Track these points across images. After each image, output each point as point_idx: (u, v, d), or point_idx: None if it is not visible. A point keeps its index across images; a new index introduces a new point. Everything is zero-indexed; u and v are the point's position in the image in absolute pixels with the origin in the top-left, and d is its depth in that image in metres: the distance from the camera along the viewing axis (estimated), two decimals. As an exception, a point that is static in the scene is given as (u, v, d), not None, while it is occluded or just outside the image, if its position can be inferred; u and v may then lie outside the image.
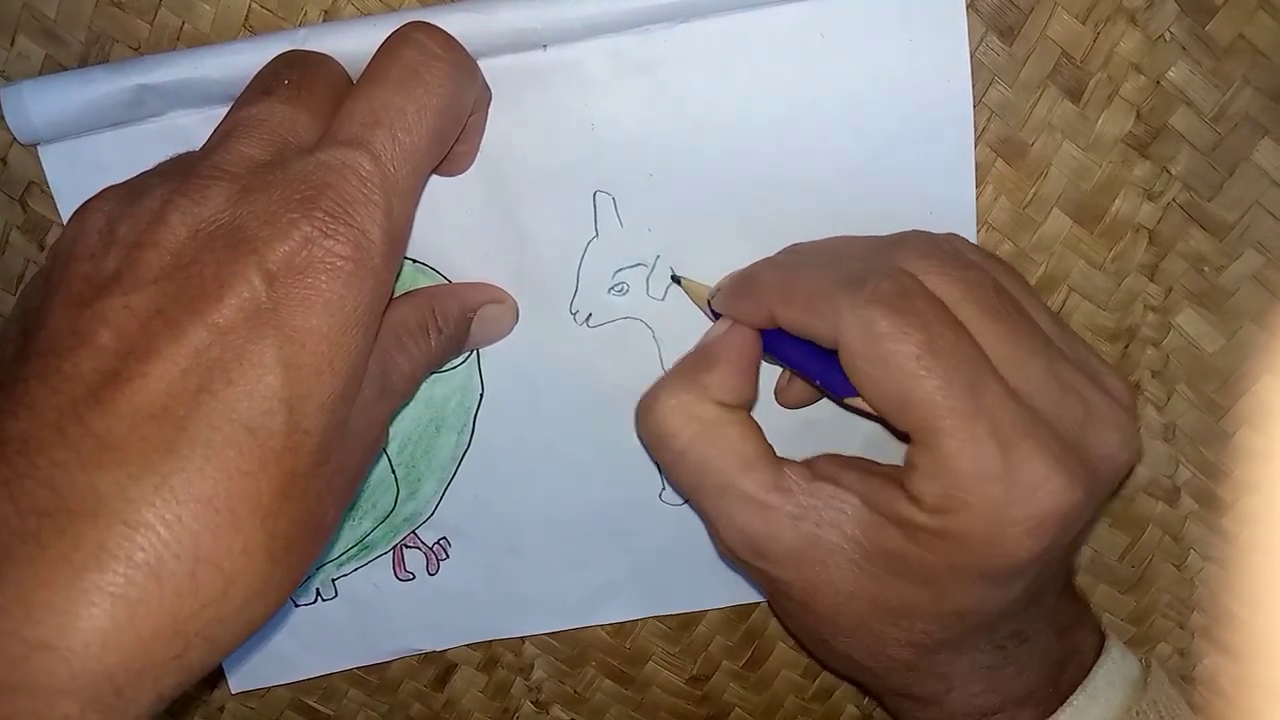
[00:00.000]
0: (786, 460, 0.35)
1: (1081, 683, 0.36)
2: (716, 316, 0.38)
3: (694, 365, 0.36)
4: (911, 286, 0.31)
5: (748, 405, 0.36)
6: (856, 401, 0.33)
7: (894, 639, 0.34)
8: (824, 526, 0.33)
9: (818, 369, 0.34)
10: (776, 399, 0.41)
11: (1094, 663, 0.36)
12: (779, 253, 0.38)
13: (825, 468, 0.35)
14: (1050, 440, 0.30)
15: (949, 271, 0.32)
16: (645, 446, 0.36)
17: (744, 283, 0.36)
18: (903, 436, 0.32)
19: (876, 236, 0.36)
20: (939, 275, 0.32)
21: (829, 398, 0.38)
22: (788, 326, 0.34)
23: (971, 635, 0.34)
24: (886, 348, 0.30)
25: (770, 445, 0.35)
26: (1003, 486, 0.30)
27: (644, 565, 0.44)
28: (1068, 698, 0.36)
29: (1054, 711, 0.35)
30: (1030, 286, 0.35)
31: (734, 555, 0.35)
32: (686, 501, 0.42)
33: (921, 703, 0.36)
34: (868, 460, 0.36)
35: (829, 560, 0.33)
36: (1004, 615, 0.33)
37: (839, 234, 0.38)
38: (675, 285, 0.39)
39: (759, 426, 0.35)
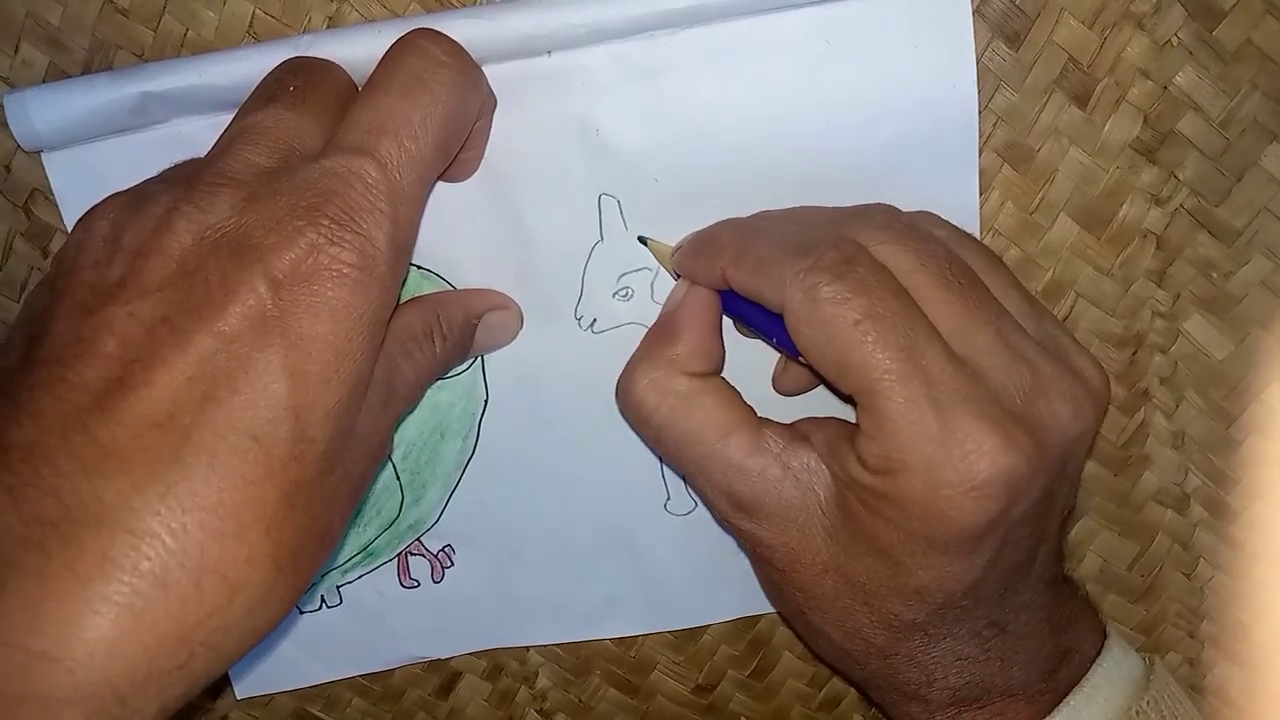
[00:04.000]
0: (767, 421, 0.35)
1: (1080, 681, 0.36)
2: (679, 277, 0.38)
3: (659, 339, 0.36)
4: (858, 255, 0.31)
5: (718, 366, 0.37)
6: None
7: (866, 620, 0.34)
8: (801, 488, 0.34)
9: (772, 329, 0.34)
10: (774, 386, 0.40)
11: (1093, 661, 0.36)
12: (749, 217, 0.38)
13: (804, 428, 0.35)
14: (989, 404, 0.30)
15: (903, 243, 0.32)
16: (627, 421, 0.37)
17: (702, 242, 0.37)
18: (849, 401, 0.32)
19: (838, 208, 0.37)
20: (892, 246, 0.32)
21: (786, 356, 0.38)
22: (738, 289, 0.34)
23: (941, 618, 0.33)
24: (827, 312, 0.30)
25: (750, 406, 0.35)
26: (938, 448, 0.30)
27: (649, 576, 0.44)
28: (1063, 691, 0.35)
29: (1050, 708, 0.35)
30: (1003, 266, 0.35)
31: (724, 518, 0.36)
32: (679, 475, 0.42)
33: (906, 696, 0.36)
34: (839, 419, 0.36)
35: (807, 525, 0.34)
36: (972, 598, 0.33)
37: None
38: (642, 244, 0.39)
39: (734, 390, 0.36)
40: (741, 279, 0.34)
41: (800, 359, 0.33)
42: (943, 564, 0.32)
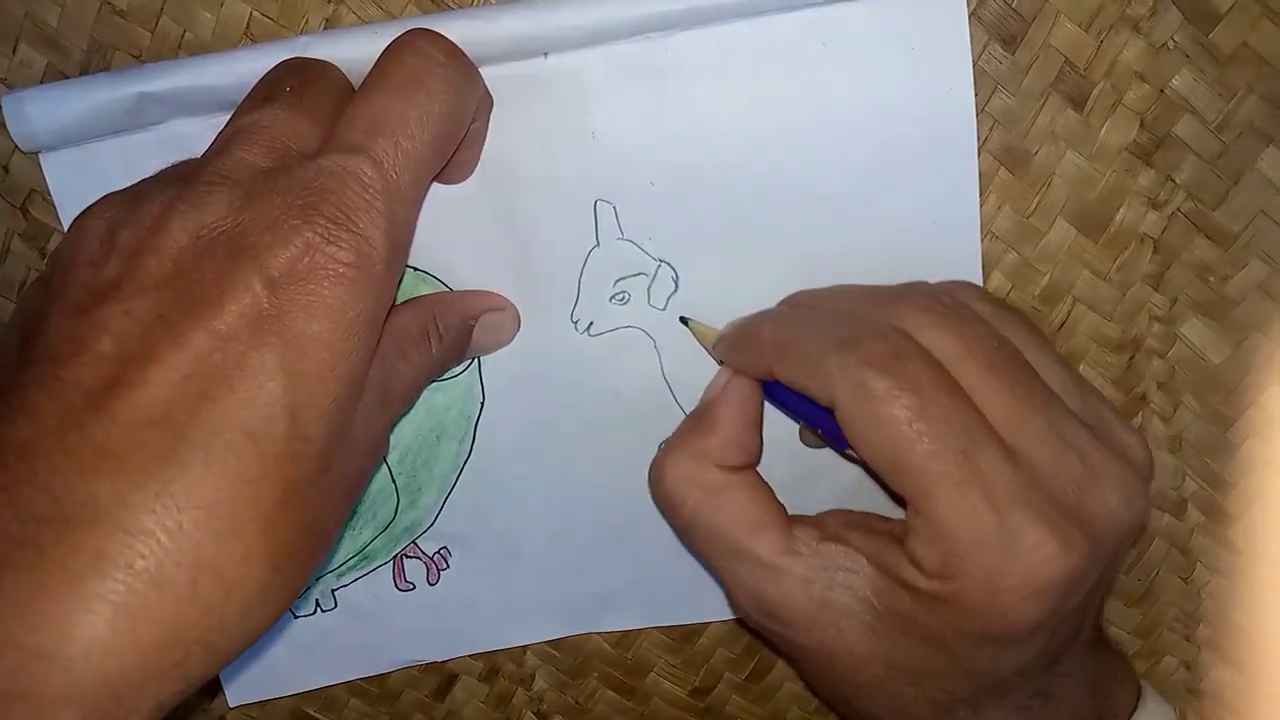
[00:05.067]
0: (796, 519, 0.35)
1: None
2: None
3: (696, 428, 0.36)
4: (905, 347, 0.31)
5: (753, 461, 0.36)
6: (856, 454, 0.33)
7: (913, 698, 0.34)
8: (835, 589, 0.33)
9: (819, 420, 0.33)
10: (800, 439, 0.40)
11: (1129, 716, 0.36)
12: (781, 303, 0.38)
13: (834, 527, 0.34)
14: (1046, 505, 0.30)
15: (948, 328, 0.32)
16: (659, 509, 0.37)
17: (744, 337, 0.36)
18: (899, 499, 0.32)
19: (880, 287, 0.36)
20: (937, 332, 0.32)
21: (831, 447, 0.38)
22: (785, 383, 0.34)
23: (989, 694, 0.33)
24: (879, 411, 0.30)
25: (780, 504, 0.35)
26: (997, 554, 0.29)
27: (644, 575, 0.44)
28: None
29: None
30: (1043, 338, 0.35)
31: (749, 618, 0.35)
32: (707, 570, 0.41)
33: None
34: (875, 516, 0.36)
35: (842, 623, 0.33)
36: (1021, 675, 0.33)
37: (842, 243, 0.38)
38: (683, 325, 0.40)
39: (767, 486, 0.35)
40: (788, 375, 0.33)
41: (848, 451, 0.32)
42: (996, 653, 0.32)
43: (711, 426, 0.35)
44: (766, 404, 0.37)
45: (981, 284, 0.39)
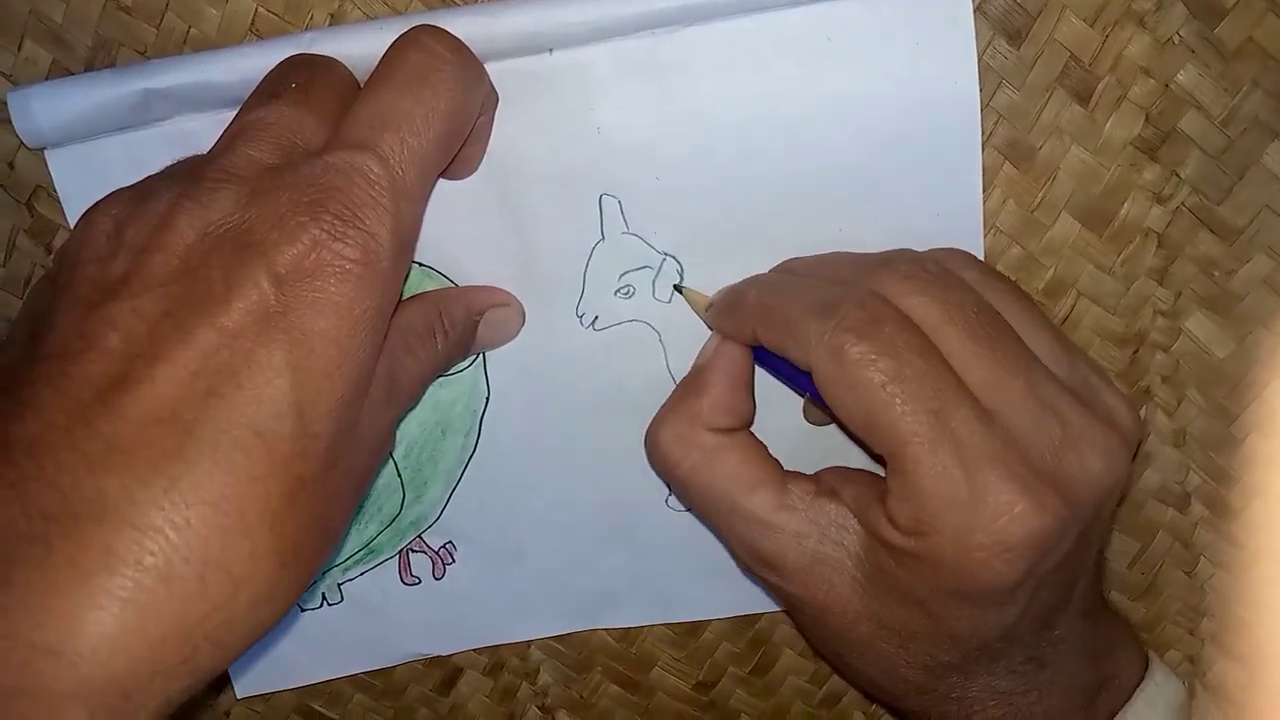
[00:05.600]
0: (792, 475, 0.35)
1: (1121, 709, 0.36)
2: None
3: (687, 392, 0.37)
4: (883, 312, 0.31)
5: (746, 423, 0.37)
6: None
7: (902, 660, 0.34)
8: (827, 544, 0.34)
9: (805, 384, 0.34)
10: (805, 416, 0.41)
11: (1135, 687, 0.36)
12: (771, 270, 0.39)
13: (829, 482, 0.35)
14: (1019, 465, 0.30)
15: (929, 293, 0.32)
16: (655, 472, 0.38)
17: (731, 301, 0.37)
18: (879, 459, 0.32)
19: (866, 255, 0.36)
20: (918, 297, 0.32)
21: (821, 410, 0.38)
22: (768, 347, 0.34)
23: (976, 659, 0.34)
24: (854, 374, 0.30)
25: (775, 460, 0.36)
26: (967, 512, 0.30)
27: (649, 571, 0.44)
28: (1104, 718, 0.36)
29: None
30: (1030, 302, 0.35)
31: (748, 568, 0.36)
32: (706, 526, 0.42)
33: None
34: (869, 473, 0.36)
35: (834, 578, 0.34)
36: (1006, 640, 0.33)
37: (846, 237, 0.38)
38: (678, 293, 0.40)
39: (761, 446, 0.36)
40: (770, 339, 0.34)
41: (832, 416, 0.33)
42: (976, 614, 0.32)
43: (701, 390, 0.36)
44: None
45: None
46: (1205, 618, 0.44)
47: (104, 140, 0.37)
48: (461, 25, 0.34)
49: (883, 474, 0.33)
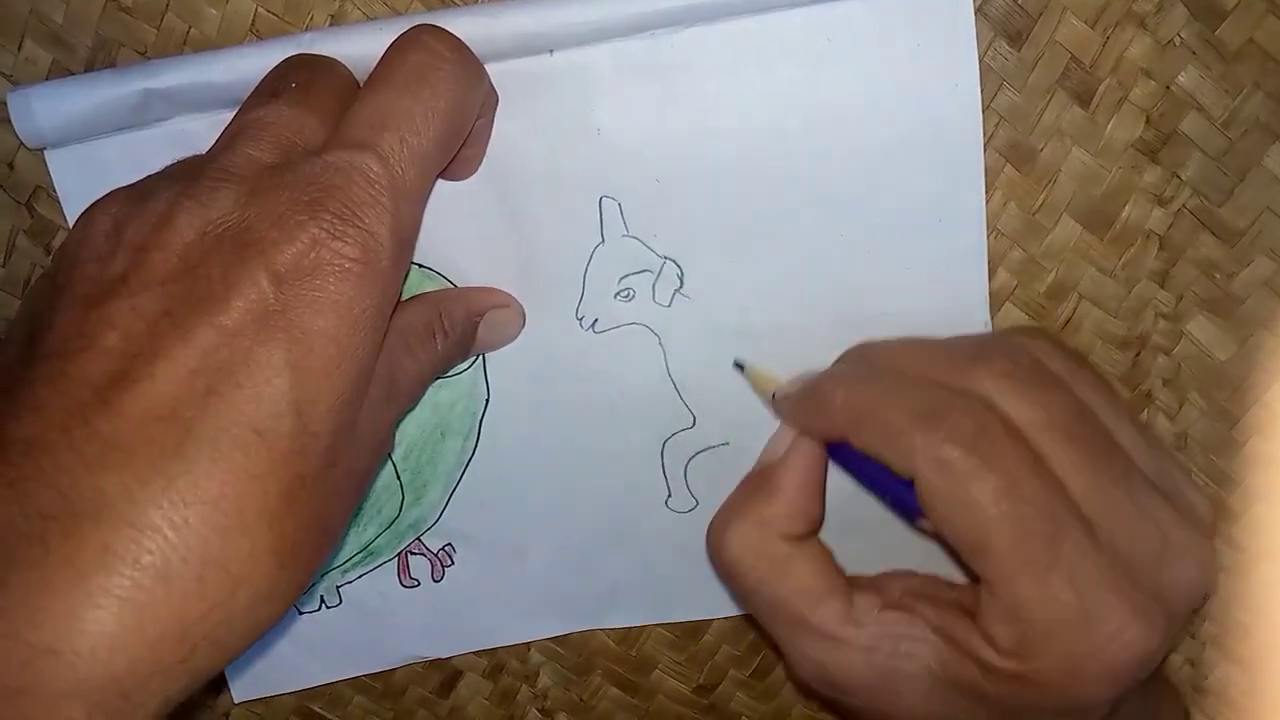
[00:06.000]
0: (856, 583, 0.35)
1: None
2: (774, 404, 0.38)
3: (759, 493, 0.36)
4: (990, 423, 0.30)
5: (816, 529, 0.36)
6: (928, 525, 0.32)
7: None
8: (898, 658, 0.33)
9: (889, 488, 0.33)
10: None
11: None
12: (846, 359, 0.38)
13: (896, 592, 0.34)
14: (1128, 586, 0.30)
15: (1029, 396, 0.31)
16: (715, 572, 0.37)
17: (814, 399, 0.35)
18: (970, 571, 0.31)
19: (953, 342, 0.36)
20: (1019, 401, 0.31)
21: (900, 516, 0.38)
22: (863, 451, 0.33)
23: None
24: (963, 490, 0.30)
25: (840, 571, 0.35)
26: (1080, 636, 0.29)
27: (649, 572, 0.44)
28: None
29: None
30: (1117, 397, 0.34)
31: (806, 686, 0.35)
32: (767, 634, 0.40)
33: None
34: (938, 582, 0.35)
35: (903, 689, 0.33)
36: None
37: (847, 240, 0.38)
38: (738, 371, 0.40)
39: (828, 553, 0.35)
40: (864, 444, 0.33)
41: (919, 522, 0.32)
42: None
43: (775, 493, 0.35)
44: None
45: (986, 281, 0.39)
46: (1206, 621, 0.44)
47: (104, 141, 0.37)
48: (461, 26, 0.34)
49: (949, 577, 0.33)
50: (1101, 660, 0.29)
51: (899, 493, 0.32)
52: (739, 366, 0.39)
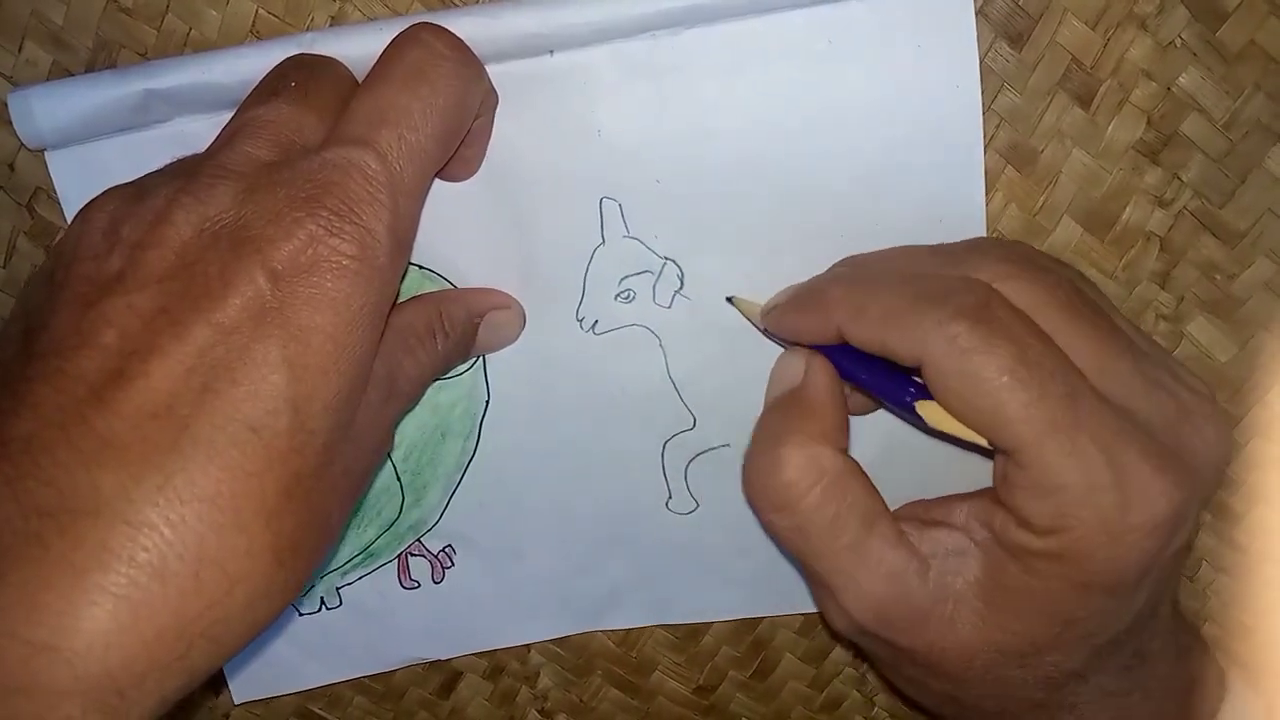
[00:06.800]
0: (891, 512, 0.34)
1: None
2: (767, 332, 0.37)
3: (796, 413, 0.34)
4: (993, 297, 0.30)
5: (848, 445, 0.35)
6: (927, 413, 0.31)
7: (1023, 680, 0.33)
8: (946, 576, 0.32)
9: (893, 385, 0.32)
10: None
11: (1215, 690, 0.36)
12: (838, 265, 0.37)
13: (929, 512, 0.34)
14: (1151, 443, 0.29)
15: (1027, 276, 0.31)
16: (756, 511, 0.34)
17: (808, 298, 0.35)
18: (986, 453, 0.31)
19: (943, 246, 0.35)
20: (1018, 281, 0.31)
21: (899, 415, 0.37)
22: (861, 344, 0.32)
23: (1098, 658, 0.32)
24: (975, 363, 0.29)
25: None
26: (1115, 495, 0.29)
27: (649, 573, 0.44)
28: None
29: None
30: (1099, 289, 0.35)
31: (856, 627, 0.33)
32: (796, 566, 0.39)
33: None
34: (964, 494, 0.34)
35: (955, 613, 0.32)
36: (1128, 631, 0.32)
37: (848, 241, 0.38)
38: (728, 303, 0.39)
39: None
40: (866, 334, 0.32)
41: (923, 423, 0.32)
42: (1111, 605, 0.31)
43: (815, 410, 0.34)
44: None
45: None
46: (1207, 623, 0.44)
47: (104, 142, 0.37)
48: (462, 26, 0.34)
49: (976, 488, 0.32)
50: (1140, 514, 0.29)
51: (903, 389, 0.32)
52: (730, 300, 0.39)
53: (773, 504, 0.33)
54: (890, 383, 0.32)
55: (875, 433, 0.40)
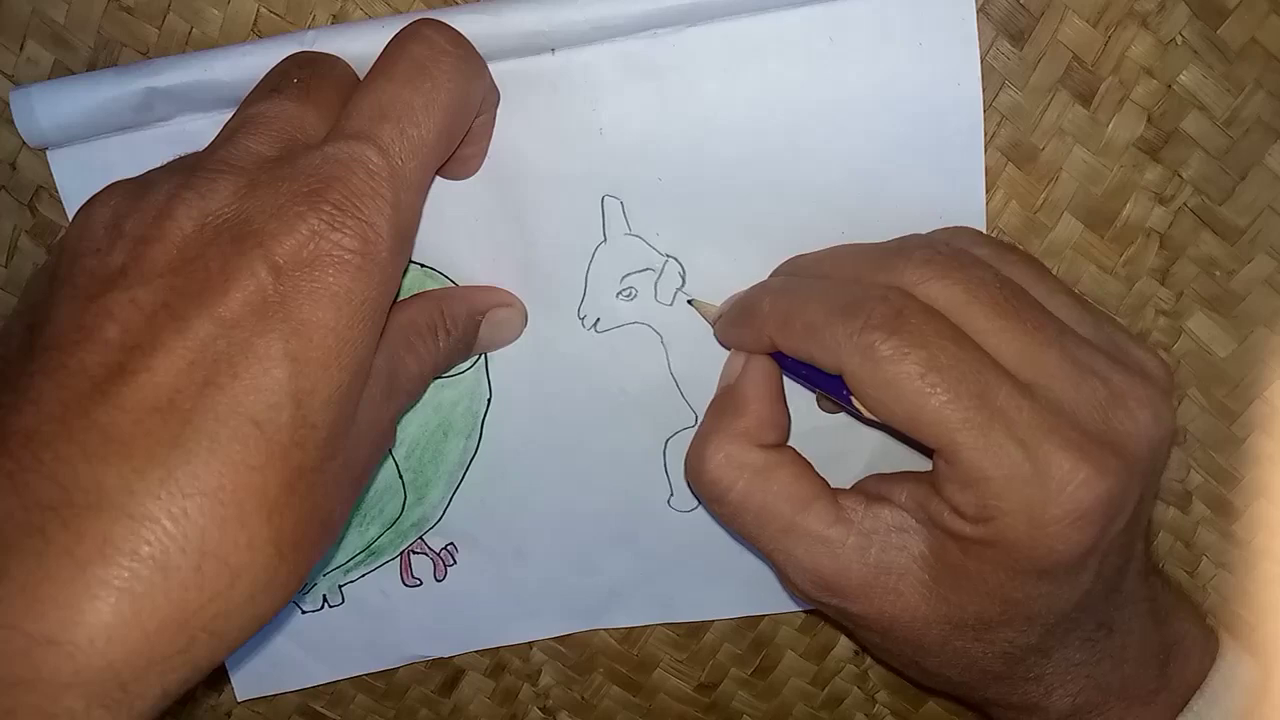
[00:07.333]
0: (838, 489, 0.35)
1: (1200, 685, 0.36)
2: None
3: (726, 412, 0.36)
4: (907, 305, 0.31)
5: (785, 437, 0.36)
6: (863, 408, 0.32)
7: (980, 653, 0.34)
8: (890, 551, 0.33)
9: (832, 387, 0.33)
10: (818, 406, 0.40)
11: (1200, 653, 0.37)
12: (776, 271, 0.38)
13: (876, 488, 0.35)
14: (1072, 432, 0.30)
15: (949, 276, 0.32)
16: (699, 501, 0.37)
17: (743, 312, 0.36)
18: (928, 451, 0.32)
19: (877, 245, 0.36)
20: (938, 283, 0.32)
21: (849, 412, 0.38)
22: (791, 354, 0.34)
23: (1054, 634, 0.33)
24: (889, 371, 0.30)
25: (821, 477, 0.35)
26: (1034, 487, 0.30)
27: (651, 571, 0.44)
28: (1177, 689, 0.36)
29: (1170, 705, 0.36)
30: (1046, 270, 0.35)
31: (806, 596, 0.35)
32: (748, 547, 0.40)
33: (1025, 710, 0.36)
34: (912, 472, 0.36)
35: (900, 585, 0.33)
36: (1081, 609, 0.33)
37: (849, 239, 0.38)
38: (685, 297, 0.39)
39: (806, 460, 0.35)
40: (792, 346, 0.33)
41: (866, 415, 0.32)
42: (1052, 589, 0.32)
43: (742, 408, 0.35)
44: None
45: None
46: (1207, 618, 0.44)
47: (106, 140, 0.37)
48: (463, 24, 0.34)
49: (925, 469, 0.33)
50: (1060, 506, 0.30)
51: (839, 390, 0.32)
52: (690, 303, 0.39)
53: (706, 496, 0.36)
54: (830, 381, 0.33)
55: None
